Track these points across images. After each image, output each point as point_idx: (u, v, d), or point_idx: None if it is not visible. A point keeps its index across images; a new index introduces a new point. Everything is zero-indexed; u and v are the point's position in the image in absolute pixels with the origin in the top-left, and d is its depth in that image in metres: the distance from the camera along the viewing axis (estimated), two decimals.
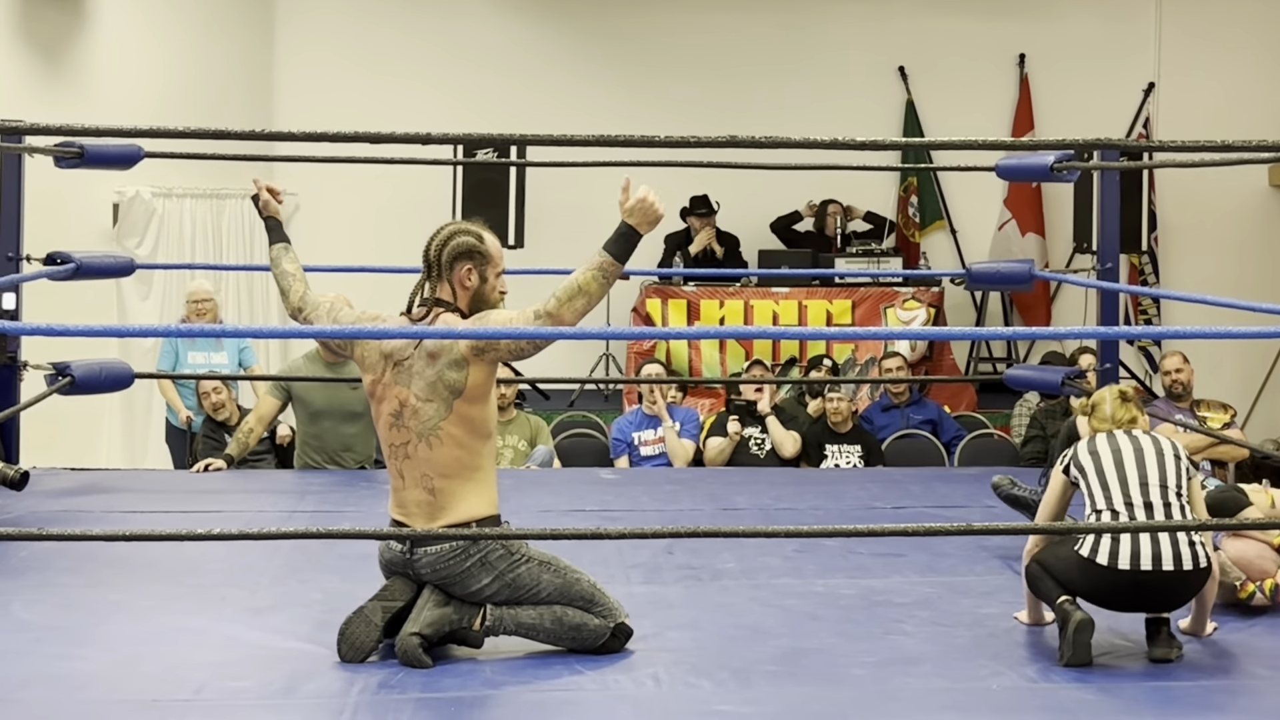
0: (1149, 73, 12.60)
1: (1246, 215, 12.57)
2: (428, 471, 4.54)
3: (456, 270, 4.64)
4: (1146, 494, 4.59)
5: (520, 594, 4.57)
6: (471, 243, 4.65)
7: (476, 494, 4.60)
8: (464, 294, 4.65)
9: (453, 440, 4.54)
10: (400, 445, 4.57)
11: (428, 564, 4.56)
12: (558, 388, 11.12)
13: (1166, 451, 4.68)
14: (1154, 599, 4.54)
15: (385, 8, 12.24)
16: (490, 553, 4.55)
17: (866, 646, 4.68)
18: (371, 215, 11.92)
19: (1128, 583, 4.53)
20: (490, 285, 4.70)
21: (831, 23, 12.41)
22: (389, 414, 4.58)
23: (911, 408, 9.90)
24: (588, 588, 4.63)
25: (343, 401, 7.70)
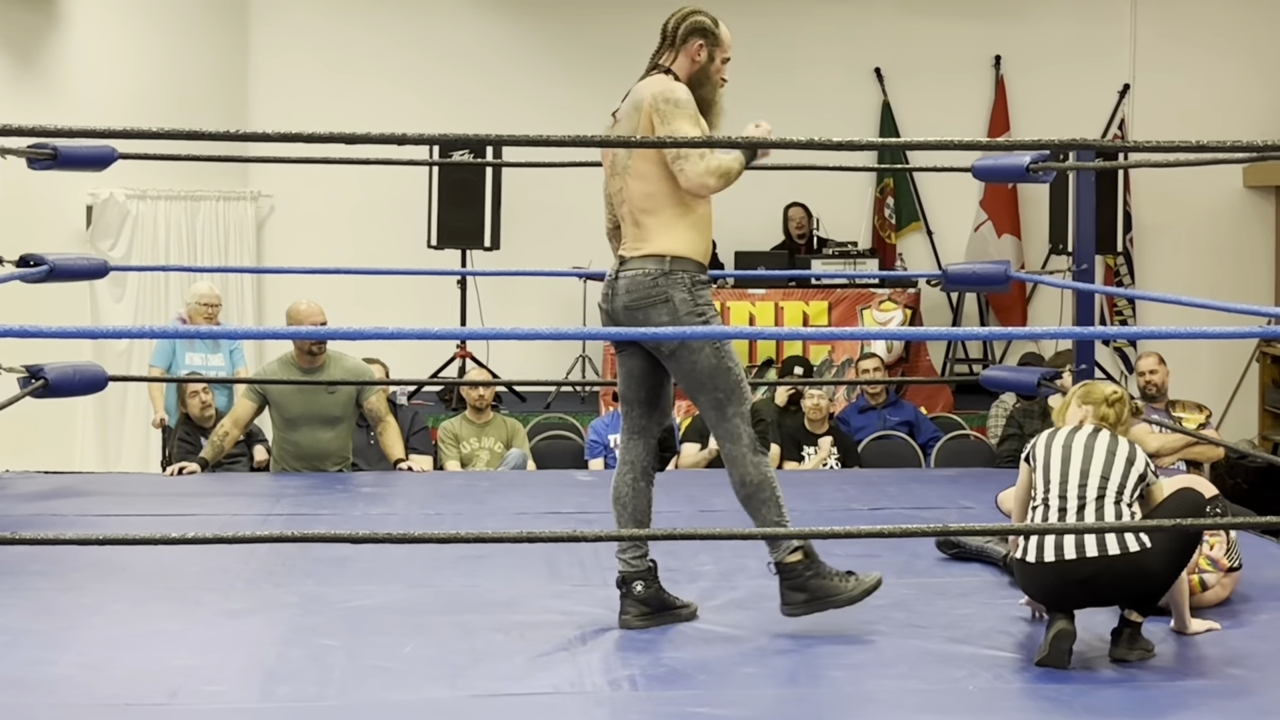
0: (1124, 74, 12.63)
1: (1221, 216, 12.61)
2: (632, 208, 4.82)
3: (689, 44, 4.93)
4: (1083, 492, 4.60)
5: (684, 350, 4.74)
6: (707, 23, 4.96)
7: (673, 232, 4.79)
8: (690, 66, 4.92)
9: (641, 176, 4.77)
10: (617, 191, 4.88)
11: (624, 286, 4.79)
12: (534, 389, 11.11)
13: (1119, 454, 4.67)
14: (1091, 589, 4.51)
15: (360, 8, 12.21)
16: (675, 290, 4.74)
17: (843, 648, 4.67)
18: (347, 216, 11.89)
19: (1055, 575, 4.53)
20: (715, 67, 4.97)
21: (808, 24, 12.41)
22: (607, 167, 4.94)
23: (888, 409, 9.91)
24: (734, 382, 4.79)
25: (321, 407, 7.65)
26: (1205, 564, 5.05)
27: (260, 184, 11.84)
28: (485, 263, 10.88)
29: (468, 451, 8.88)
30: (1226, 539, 5.13)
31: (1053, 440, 4.78)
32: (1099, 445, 4.70)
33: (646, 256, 4.78)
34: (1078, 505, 4.59)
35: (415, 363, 10.24)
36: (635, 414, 4.99)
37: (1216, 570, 5.06)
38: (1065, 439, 4.77)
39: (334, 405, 7.67)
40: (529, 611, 5.06)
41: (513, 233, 11.03)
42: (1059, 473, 4.67)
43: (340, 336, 4.09)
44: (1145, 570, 4.49)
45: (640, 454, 4.99)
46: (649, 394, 4.98)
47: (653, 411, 5.00)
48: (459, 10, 12.28)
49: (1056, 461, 4.71)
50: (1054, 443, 4.76)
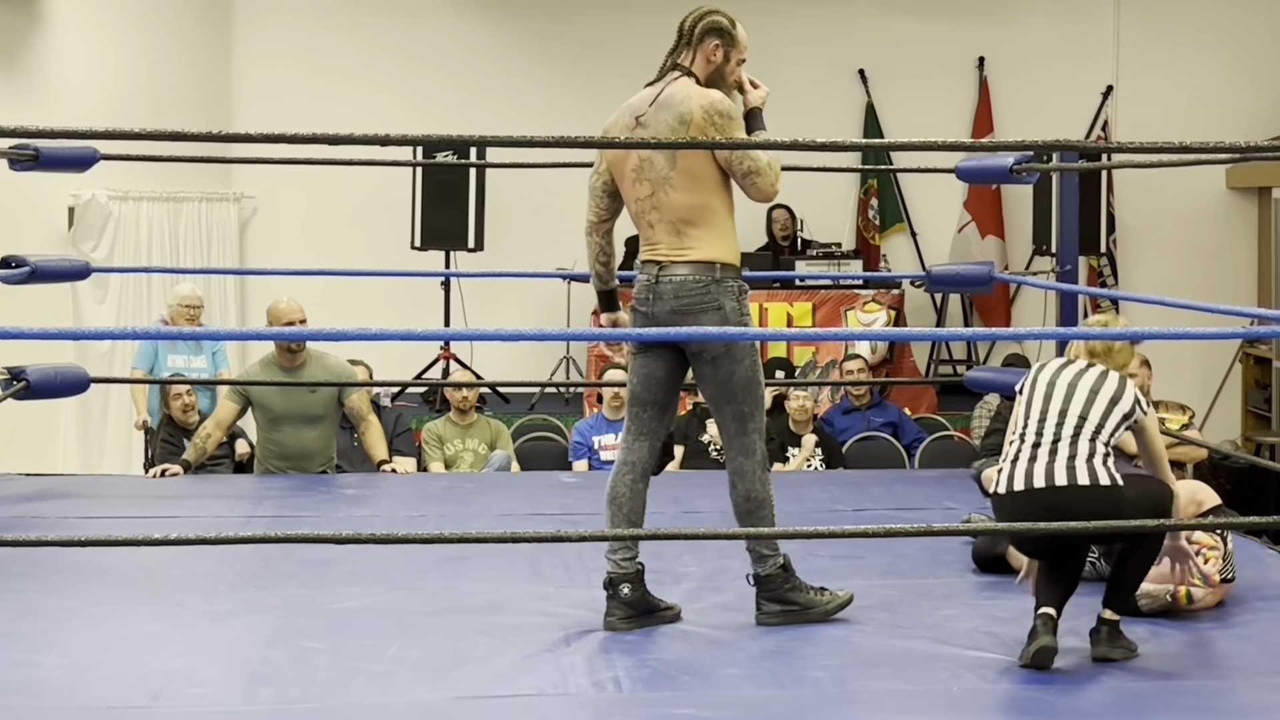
0: (1107, 75, 12.65)
1: (1204, 217, 12.64)
2: (673, 217, 4.79)
3: (705, 43, 4.91)
4: (1059, 430, 4.61)
5: (726, 359, 4.78)
6: (724, 22, 4.94)
7: (722, 240, 4.81)
8: (706, 66, 4.90)
9: (687, 188, 4.76)
10: (646, 198, 4.83)
11: (671, 290, 4.78)
12: (518, 391, 11.10)
13: (1104, 392, 4.67)
14: (1058, 518, 4.46)
15: (343, 9, 12.19)
16: (726, 298, 4.76)
17: (827, 649, 4.67)
18: (330, 218, 11.87)
19: (1025, 502, 4.56)
20: (730, 67, 4.93)
21: (792, 25, 12.41)
22: (631, 170, 4.86)
23: (872, 410, 9.91)
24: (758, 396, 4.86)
25: (303, 406, 7.64)
26: (1197, 579, 5.04)
27: (243, 185, 11.82)
28: (469, 264, 10.86)
29: (451, 453, 8.86)
30: (1224, 552, 5.12)
31: (1040, 373, 4.81)
32: (1084, 382, 4.70)
33: (695, 263, 4.79)
34: (1052, 440, 4.60)
35: (399, 364, 10.23)
36: (647, 416, 5.00)
37: (1206, 586, 5.06)
38: (1053, 374, 4.78)
39: (316, 404, 7.65)
40: (513, 613, 5.05)
41: (496, 234, 11.01)
42: (1039, 408, 4.69)
43: (323, 337, 4.07)
44: (1112, 507, 4.49)
45: (644, 456, 5.01)
46: (666, 397, 5.01)
47: (664, 415, 5.03)
48: (441, 12, 12.27)
49: (1040, 396, 4.73)
50: (1041, 376, 4.79)
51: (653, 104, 4.86)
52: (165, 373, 8.92)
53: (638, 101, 4.96)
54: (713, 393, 4.89)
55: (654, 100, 4.86)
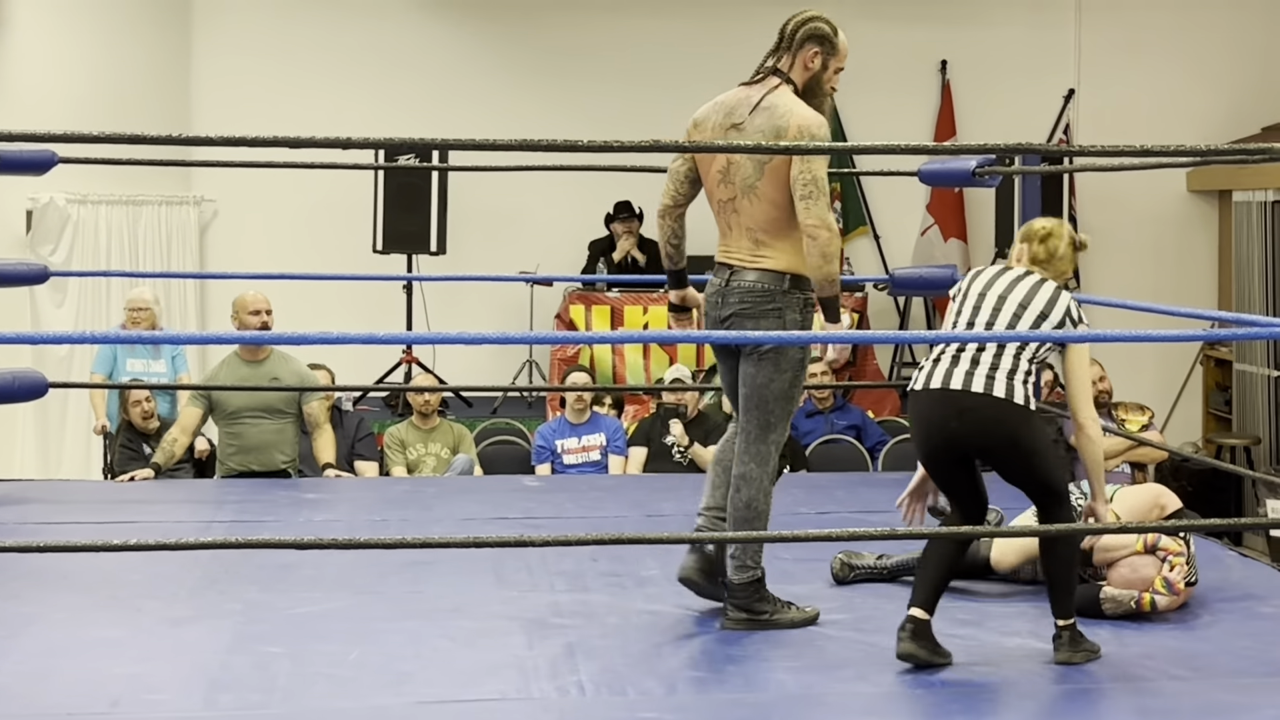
0: (1069, 79, 12.69)
1: (1165, 220, 12.70)
2: (750, 225, 4.80)
3: (805, 49, 4.92)
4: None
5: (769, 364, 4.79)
6: (825, 29, 4.97)
7: (796, 252, 4.77)
8: (804, 73, 4.92)
9: (771, 202, 4.75)
10: (727, 200, 4.84)
11: (737, 294, 4.82)
12: (481, 395, 11.06)
13: (1033, 306, 4.66)
14: (952, 423, 4.57)
15: (304, 11, 12.12)
16: (787, 311, 4.79)
17: (790, 651, 4.67)
18: (292, 221, 11.81)
19: (924, 403, 4.66)
20: (828, 75, 4.96)
21: (754, 29, 12.31)
22: (718, 170, 4.85)
23: (835, 413, 9.92)
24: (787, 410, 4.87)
25: (264, 399, 7.59)
26: (1161, 586, 5.06)
27: (203, 188, 11.75)
28: (431, 267, 10.82)
29: (414, 457, 8.83)
30: (1188, 558, 5.14)
31: (975, 281, 4.82)
32: (1015, 293, 4.70)
33: (767, 271, 4.81)
34: (976, 349, 4.63)
35: (361, 368, 10.18)
36: (736, 410, 5.09)
37: (1170, 593, 5.07)
38: (988, 280, 4.78)
39: (277, 398, 7.61)
40: (475, 617, 5.04)
41: (459, 237, 10.97)
42: (968, 318, 4.73)
43: (285, 341, 4.04)
44: (996, 423, 4.54)
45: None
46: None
47: None
48: (404, 14, 12.22)
49: (969, 306, 4.76)
50: (975, 284, 4.80)
51: (754, 110, 4.83)
52: (124, 377, 8.87)
53: (733, 101, 4.93)
54: (746, 392, 4.90)
55: (755, 106, 4.83)
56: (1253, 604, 5.27)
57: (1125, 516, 5.27)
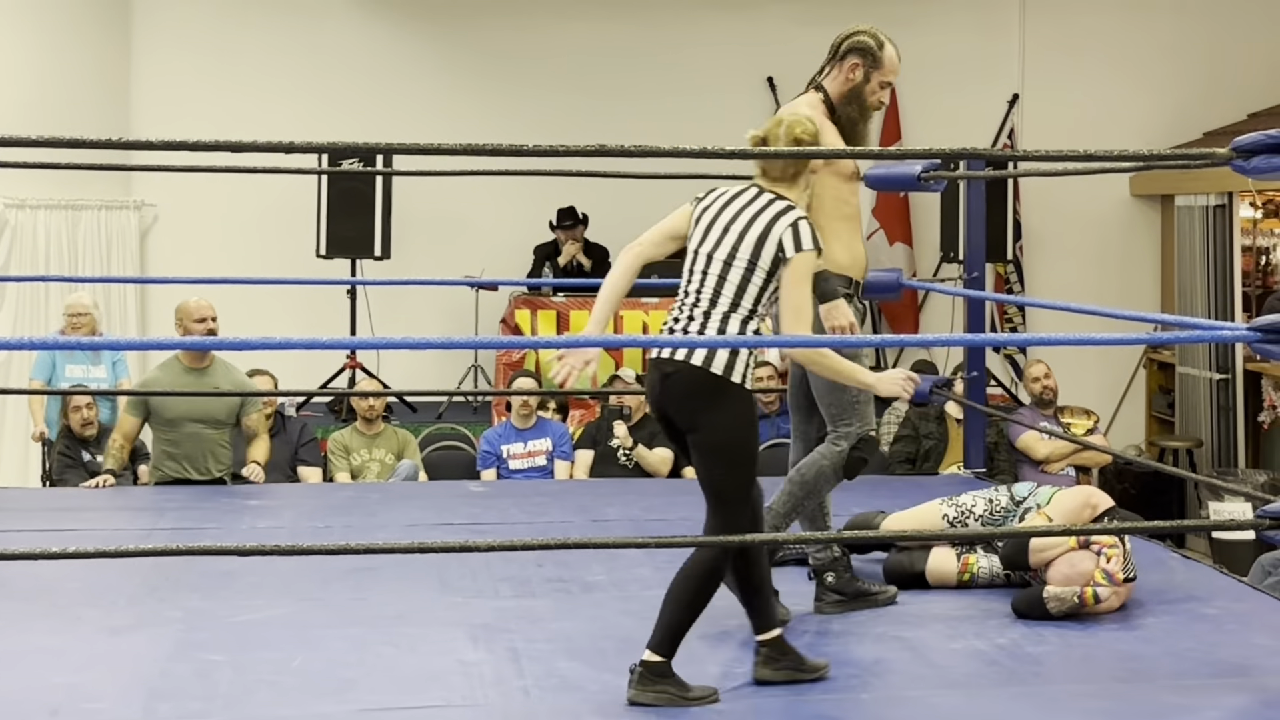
0: (1013, 84, 12.75)
1: (1109, 224, 12.77)
2: None
3: (847, 61, 5.04)
4: (702, 287, 4.36)
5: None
6: (869, 43, 5.05)
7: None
8: (843, 86, 5.04)
9: None
10: None
11: None
12: (425, 400, 11.01)
13: (751, 234, 4.30)
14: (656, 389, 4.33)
15: (246, 16, 12.04)
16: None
17: (737, 656, 4.65)
18: (234, 225, 11.72)
19: (649, 375, 4.40)
20: (870, 88, 5.03)
21: (700, 33, 12.42)
22: None
23: (781, 417, 9.91)
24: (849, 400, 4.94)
25: (207, 410, 7.51)
26: (1100, 578, 5.08)
27: (144, 193, 11.66)
28: (375, 272, 10.77)
29: (358, 463, 8.78)
30: (1124, 552, 5.17)
31: (705, 213, 4.47)
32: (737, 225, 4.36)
33: None
34: (692, 304, 4.37)
35: (304, 373, 10.12)
36: (796, 419, 5.24)
37: (1111, 584, 5.10)
38: (713, 216, 4.43)
39: (218, 408, 7.53)
40: (420, 624, 5.01)
41: (404, 242, 10.93)
42: (689, 263, 4.43)
43: (227, 347, 4.00)
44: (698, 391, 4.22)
45: (797, 457, 5.20)
46: (806, 400, 5.17)
47: (811, 417, 5.18)
48: (347, 17, 12.16)
49: (694, 240, 4.43)
50: (704, 218, 4.46)
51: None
52: (64, 383, 8.78)
53: None
54: (815, 390, 5.05)
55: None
56: (1195, 605, 5.30)
57: (1058, 520, 5.30)
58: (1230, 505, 9.74)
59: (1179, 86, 12.69)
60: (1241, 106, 12.53)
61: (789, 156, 4.47)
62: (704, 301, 4.32)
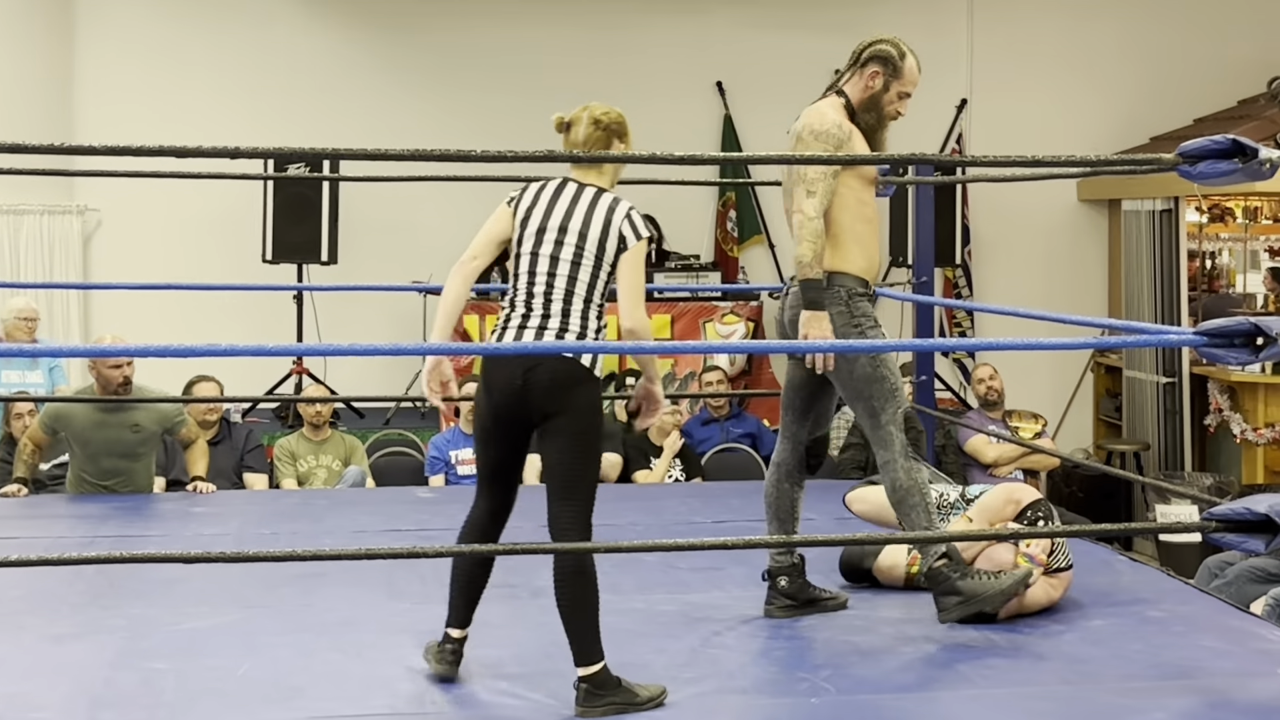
0: (961, 89, 12.79)
1: (1056, 229, 12.83)
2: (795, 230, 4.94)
3: (867, 68, 5.06)
4: (551, 285, 4.38)
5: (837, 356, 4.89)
6: (889, 51, 5.09)
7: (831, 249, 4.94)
8: (863, 93, 5.08)
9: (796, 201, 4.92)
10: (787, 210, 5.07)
11: (791, 301, 5.02)
12: (373, 406, 10.95)
13: (593, 233, 4.36)
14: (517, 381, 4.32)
15: (192, 21, 11.94)
16: (831, 304, 4.92)
17: (686, 661, 4.64)
18: (179, 231, 11.62)
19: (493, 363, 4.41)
20: (889, 97, 5.09)
21: (649, 38, 12.41)
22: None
23: (731, 421, 9.93)
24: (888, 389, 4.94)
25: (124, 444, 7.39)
26: (1021, 560, 5.10)
27: (87, 198, 11.55)
28: (322, 277, 10.71)
29: (305, 469, 8.72)
30: (1052, 541, 5.18)
31: (531, 215, 4.46)
32: (574, 223, 4.40)
33: None
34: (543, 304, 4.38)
35: (250, 379, 10.04)
36: (788, 419, 5.22)
37: (1034, 564, 5.10)
38: (541, 219, 4.43)
39: (137, 441, 7.42)
40: (367, 630, 4.98)
41: (351, 247, 10.87)
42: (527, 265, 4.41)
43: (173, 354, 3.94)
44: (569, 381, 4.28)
45: (786, 457, 5.20)
46: (803, 403, 5.19)
47: (804, 419, 5.20)
48: (294, 21, 12.09)
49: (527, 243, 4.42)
50: (532, 214, 4.46)
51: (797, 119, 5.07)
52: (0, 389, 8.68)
53: None
54: (844, 393, 5.06)
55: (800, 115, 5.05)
56: (1142, 608, 5.32)
57: (979, 520, 5.32)
58: (1177, 508, 9.80)
59: (1126, 92, 12.77)
60: (1188, 112, 12.62)
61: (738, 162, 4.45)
62: (557, 298, 4.37)
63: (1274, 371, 10.50)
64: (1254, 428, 10.70)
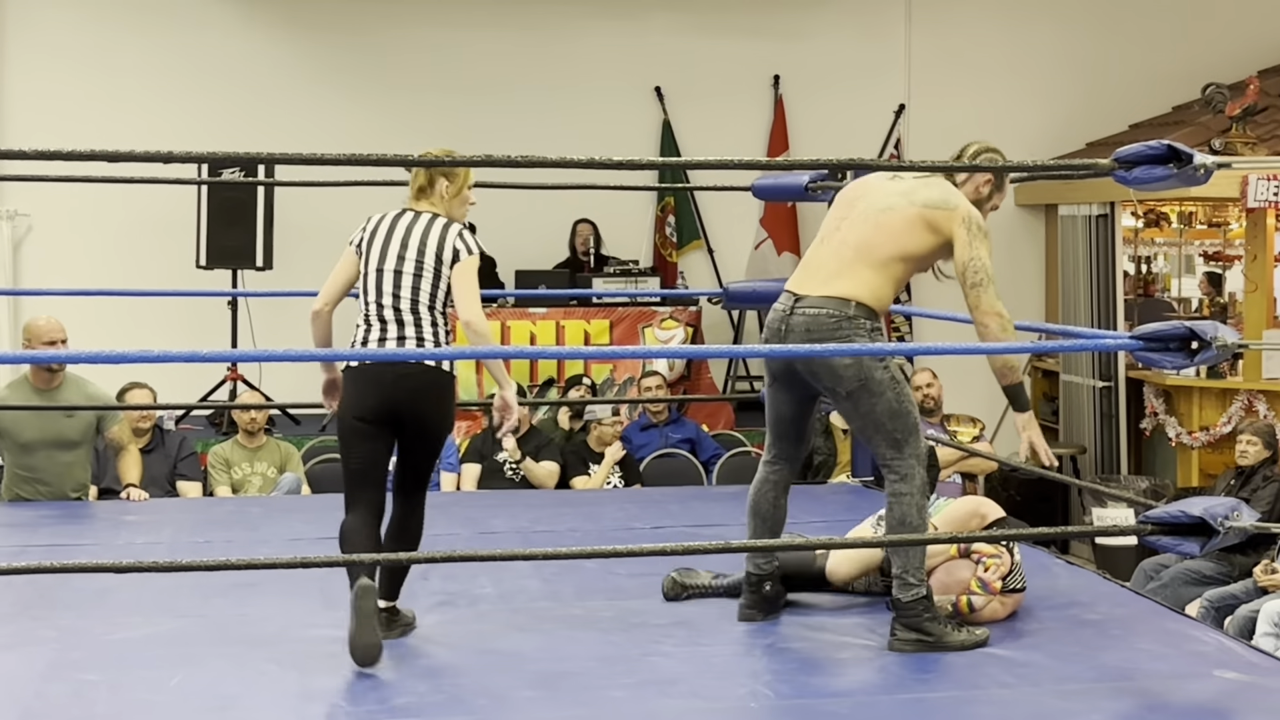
0: (899, 94, 12.85)
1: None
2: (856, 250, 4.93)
3: (979, 176, 5.14)
4: (398, 297, 4.88)
5: (863, 393, 4.81)
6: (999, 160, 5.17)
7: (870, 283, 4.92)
8: (973, 195, 5.14)
9: (895, 236, 4.95)
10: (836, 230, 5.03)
11: (801, 323, 4.90)
12: (309, 412, 10.85)
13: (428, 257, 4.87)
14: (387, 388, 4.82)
15: (123, 25, 11.82)
16: (856, 334, 4.84)
17: (625, 668, 4.62)
18: (112, 235, 11.50)
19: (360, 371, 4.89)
20: (992, 204, 5.25)
21: (587, 42, 12.40)
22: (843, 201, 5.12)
23: (670, 427, 9.91)
24: (910, 424, 4.85)
25: (58, 431, 7.31)
26: (975, 586, 5.11)
27: (16, 202, 11.42)
28: (258, 283, 10.61)
29: (239, 477, 8.64)
30: (1010, 563, 5.17)
31: (374, 234, 4.98)
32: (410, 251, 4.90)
33: (829, 297, 4.88)
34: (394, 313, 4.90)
35: (184, 386, 9.95)
36: (784, 446, 5.19)
37: (986, 593, 5.11)
38: (386, 233, 4.97)
39: (72, 429, 7.34)
40: (303, 640, 4.92)
41: (286, 252, 10.78)
42: (374, 286, 4.92)
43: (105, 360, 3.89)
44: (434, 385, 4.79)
45: (786, 476, 5.19)
46: (797, 431, 5.18)
47: (800, 443, 5.20)
48: (227, 25, 11.99)
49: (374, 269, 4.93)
50: (375, 240, 4.97)
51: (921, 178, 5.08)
52: None
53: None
54: (859, 425, 5.00)
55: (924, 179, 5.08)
56: (1079, 611, 5.35)
57: (945, 528, 5.31)
58: (1113, 511, 9.86)
59: (1062, 97, 12.86)
60: (1123, 117, 12.72)
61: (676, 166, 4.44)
62: (405, 308, 4.89)
63: (1209, 375, 10.59)
64: (1189, 431, 10.79)
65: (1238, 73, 11.92)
